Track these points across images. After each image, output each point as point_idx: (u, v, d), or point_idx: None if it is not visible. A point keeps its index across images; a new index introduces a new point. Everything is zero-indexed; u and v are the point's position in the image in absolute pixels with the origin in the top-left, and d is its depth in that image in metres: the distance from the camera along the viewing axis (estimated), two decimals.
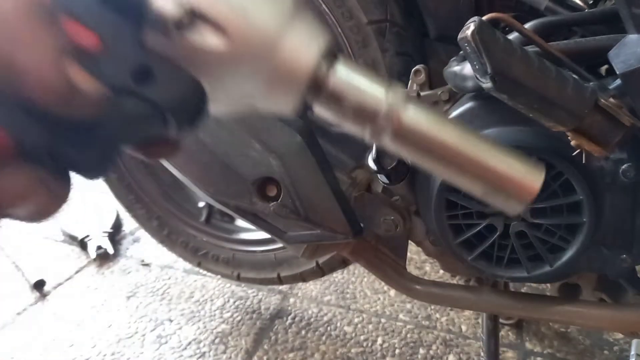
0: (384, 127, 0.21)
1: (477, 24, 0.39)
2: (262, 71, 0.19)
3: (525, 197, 0.22)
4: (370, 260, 0.64)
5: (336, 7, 0.63)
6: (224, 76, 0.19)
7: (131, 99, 0.18)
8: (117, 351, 0.92)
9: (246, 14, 0.18)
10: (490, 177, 0.21)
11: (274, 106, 0.21)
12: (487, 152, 0.21)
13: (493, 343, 0.82)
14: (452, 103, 0.54)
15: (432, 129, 0.21)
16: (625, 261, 0.50)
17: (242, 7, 0.18)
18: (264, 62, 0.19)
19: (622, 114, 0.40)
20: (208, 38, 0.18)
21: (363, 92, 0.20)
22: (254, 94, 0.21)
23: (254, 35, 0.19)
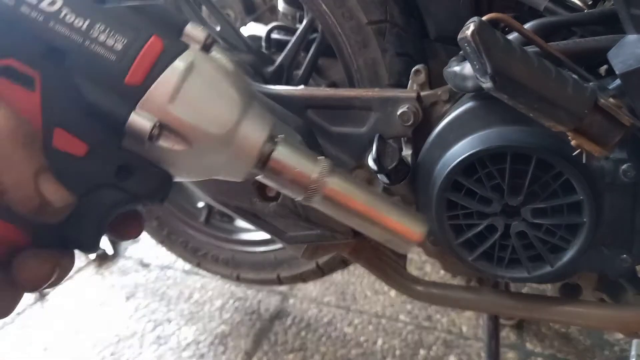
0: (314, 193, 0.28)
1: (476, 24, 0.39)
2: (216, 160, 0.26)
3: (411, 242, 0.30)
4: (371, 261, 0.64)
5: (336, 7, 0.63)
6: (187, 165, 0.26)
7: (114, 190, 0.24)
8: (117, 351, 0.91)
9: (202, 124, 0.24)
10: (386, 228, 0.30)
11: (227, 178, 0.28)
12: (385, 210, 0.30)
13: (494, 344, 0.82)
14: (452, 103, 0.54)
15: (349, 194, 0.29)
16: (626, 261, 0.50)
17: (199, 119, 0.24)
18: (217, 154, 0.26)
19: (621, 114, 0.40)
20: (173, 144, 0.24)
21: (297, 167, 0.28)
22: (211, 173, 0.27)
23: (209, 139, 0.25)
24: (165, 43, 0.24)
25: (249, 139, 0.26)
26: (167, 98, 0.23)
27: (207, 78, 0.25)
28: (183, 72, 0.24)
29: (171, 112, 0.24)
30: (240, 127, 0.25)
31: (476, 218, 0.51)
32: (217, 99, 0.25)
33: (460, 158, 0.49)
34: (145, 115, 0.23)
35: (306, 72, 0.80)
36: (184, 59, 0.24)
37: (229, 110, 0.25)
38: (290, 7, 0.94)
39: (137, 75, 0.23)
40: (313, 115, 0.60)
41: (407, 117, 0.55)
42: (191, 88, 0.24)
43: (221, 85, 0.25)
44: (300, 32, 0.79)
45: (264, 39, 0.89)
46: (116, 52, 0.23)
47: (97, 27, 0.23)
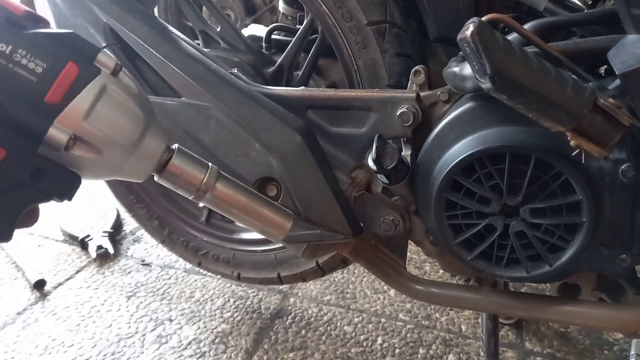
0: (203, 193, 0.35)
1: (476, 25, 0.39)
2: (121, 164, 0.31)
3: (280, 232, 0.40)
4: (370, 260, 0.64)
5: (336, 7, 0.63)
6: (96, 170, 0.31)
7: (29, 190, 0.28)
8: (118, 351, 0.92)
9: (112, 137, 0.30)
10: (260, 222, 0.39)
11: (129, 179, 0.33)
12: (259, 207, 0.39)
13: (493, 343, 0.82)
14: (451, 103, 0.54)
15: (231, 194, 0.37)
16: (625, 261, 0.50)
17: (110, 132, 0.30)
18: (123, 162, 0.31)
19: (621, 114, 0.40)
20: (85, 152, 0.29)
21: (190, 172, 0.34)
22: (116, 174, 0.32)
23: (117, 149, 0.30)
24: (80, 68, 0.28)
25: (150, 149, 0.32)
26: (82, 115, 0.28)
27: (116, 98, 0.29)
28: (96, 93, 0.29)
29: (85, 127, 0.28)
30: (144, 139, 0.31)
31: (475, 218, 0.52)
32: (124, 115, 0.30)
33: (459, 158, 0.49)
34: (62, 129, 0.27)
35: (306, 72, 0.80)
36: (97, 81, 0.29)
37: (134, 125, 0.30)
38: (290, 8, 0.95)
39: (56, 95, 0.27)
40: (313, 115, 0.60)
41: (406, 118, 0.55)
42: (103, 106, 0.29)
43: (128, 105, 0.30)
44: (300, 32, 0.79)
45: (264, 39, 0.89)
46: (37, 74, 0.27)
47: (20, 52, 0.27)
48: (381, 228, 0.60)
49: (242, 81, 0.59)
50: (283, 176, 0.57)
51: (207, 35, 0.85)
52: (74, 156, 0.29)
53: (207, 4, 0.88)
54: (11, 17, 0.27)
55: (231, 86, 0.58)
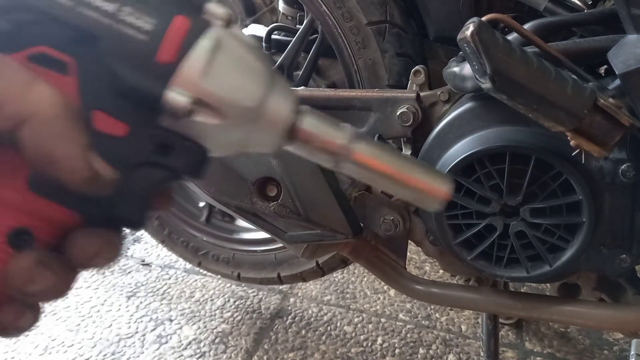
0: (343, 159, 0.30)
1: (476, 25, 0.39)
2: (248, 132, 0.27)
3: (438, 199, 0.31)
4: (370, 260, 0.64)
5: (336, 8, 0.63)
6: (221, 139, 0.27)
7: (155, 168, 0.25)
8: (118, 351, 0.92)
9: (235, 97, 0.26)
10: (414, 187, 0.31)
11: (259, 150, 0.29)
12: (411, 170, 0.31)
13: (493, 343, 0.82)
14: (451, 103, 0.54)
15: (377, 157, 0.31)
16: (625, 261, 0.50)
17: (232, 92, 0.26)
18: (249, 127, 0.27)
19: (621, 114, 0.40)
20: (208, 118, 0.25)
21: (324, 135, 0.29)
22: (244, 145, 0.28)
23: (242, 111, 0.26)
24: (191, 21, 0.25)
25: (277, 110, 0.27)
26: (200, 74, 0.24)
27: (234, 53, 0.25)
28: (212, 48, 0.24)
29: (205, 87, 0.24)
30: (269, 99, 0.26)
31: (475, 218, 0.52)
32: (246, 72, 0.26)
33: (459, 158, 0.49)
34: (180, 92, 0.24)
35: (306, 72, 0.80)
36: (210, 35, 0.25)
37: (257, 83, 0.26)
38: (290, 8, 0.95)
39: (168, 53, 0.24)
40: None
41: (406, 118, 0.55)
42: (221, 63, 0.25)
43: (248, 60, 0.26)
44: (300, 32, 0.79)
45: (264, 39, 0.89)
46: (146, 32, 0.24)
47: (125, 10, 0.24)
48: (381, 228, 0.60)
49: None
50: (283, 176, 0.57)
51: None
52: (196, 124, 0.25)
53: None
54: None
55: None
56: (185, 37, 0.24)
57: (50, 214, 0.24)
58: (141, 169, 0.25)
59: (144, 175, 0.25)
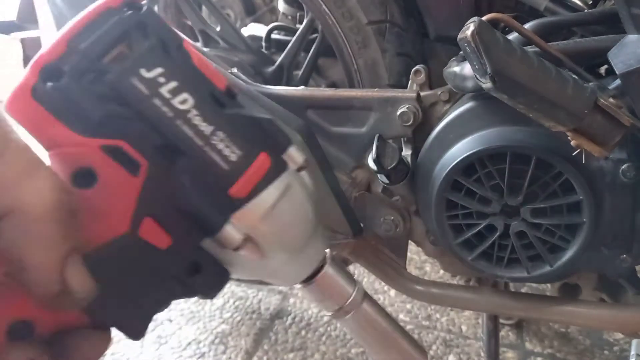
0: (346, 313, 0.31)
1: (476, 24, 0.39)
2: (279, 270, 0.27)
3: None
4: (370, 260, 0.64)
5: (336, 7, 0.63)
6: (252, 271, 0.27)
7: (178, 284, 0.24)
8: (117, 351, 0.92)
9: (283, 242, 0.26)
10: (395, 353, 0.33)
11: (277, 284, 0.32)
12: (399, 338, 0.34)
13: (493, 343, 0.82)
14: (451, 103, 0.54)
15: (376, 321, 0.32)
16: (625, 261, 0.50)
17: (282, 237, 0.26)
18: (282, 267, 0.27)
19: (621, 114, 0.40)
20: (251, 254, 0.25)
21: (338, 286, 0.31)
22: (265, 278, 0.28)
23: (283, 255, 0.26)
24: (272, 161, 0.25)
25: (311, 256, 0.28)
26: (263, 216, 0.24)
27: (297, 200, 0.26)
28: (281, 192, 0.25)
29: (260, 228, 0.24)
30: (308, 246, 0.27)
31: (476, 218, 0.51)
32: (299, 220, 0.26)
33: (459, 158, 0.49)
34: (238, 227, 0.23)
35: (306, 72, 0.80)
36: (283, 179, 0.25)
37: (305, 231, 0.27)
38: (290, 7, 0.94)
39: (243, 189, 0.23)
40: (313, 115, 0.60)
41: (407, 118, 0.55)
42: (283, 208, 0.25)
43: (305, 208, 0.27)
44: (300, 32, 0.79)
45: (264, 39, 0.89)
46: (230, 162, 0.23)
47: (219, 135, 0.23)
48: (381, 228, 0.60)
49: (241, 81, 0.59)
50: None
51: (206, 35, 0.85)
52: (238, 256, 0.24)
53: (207, 3, 0.88)
54: (215, 93, 0.24)
55: None
56: (263, 177, 0.24)
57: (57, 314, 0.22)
58: (165, 284, 0.24)
59: (165, 290, 0.24)
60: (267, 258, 0.25)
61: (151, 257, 0.23)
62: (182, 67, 0.23)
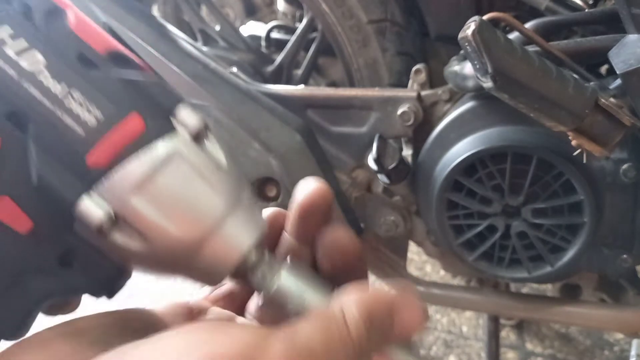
0: None
1: (477, 24, 0.39)
2: (180, 267, 0.22)
3: None
4: (371, 261, 0.64)
5: (336, 6, 0.63)
6: (146, 265, 0.22)
7: (52, 278, 0.21)
8: None
9: (166, 225, 0.20)
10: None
11: (195, 284, 0.24)
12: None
13: (494, 344, 0.82)
14: (452, 102, 0.54)
15: None
16: (626, 261, 0.50)
17: (164, 218, 0.20)
18: (181, 262, 0.22)
19: (622, 114, 0.40)
20: (129, 240, 0.20)
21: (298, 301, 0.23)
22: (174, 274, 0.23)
23: (173, 244, 0.21)
24: (148, 123, 0.20)
25: (222, 250, 0.22)
26: (132, 187, 0.20)
27: (185, 173, 0.21)
28: (160, 160, 0.20)
29: (132, 204, 0.20)
30: (215, 235, 0.21)
31: (477, 218, 0.51)
32: (193, 199, 0.21)
33: (460, 158, 0.49)
34: (98, 202, 0.20)
35: (306, 71, 0.80)
36: (165, 145, 0.20)
37: (204, 214, 0.21)
38: (289, 6, 0.94)
39: (103, 156, 0.20)
40: (313, 115, 0.60)
41: (407, 117, 0.55)
42: (165, 181, 0.20)
43: (202, 184, 0.21)
44: (300, 31, 0.79)
45: (263, 38, 0.89)
46: (87, 126, 0.20)
47: (74, 96, 0.20)
48: (382, 228, 0.59)
49: (241, 80, 0.59)
50: (283, 176, 0.56)
51: (206, 34, 0.85)
52: (113, 244, 0.21)
53: (207, 3, 0.88)
54: (85, 54, 0.21)
55: (230, 85, 0.58)
56: (132, 143, 0.20)
57: None
58: (34, 278, 0.20)
59: (33, 286, 0.20)
60: (154, 246, 0.21)
61: (11, 243, 0.20)
62: (43, 29, 0.20)
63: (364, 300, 0.20)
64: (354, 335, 0.19)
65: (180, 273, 0.23)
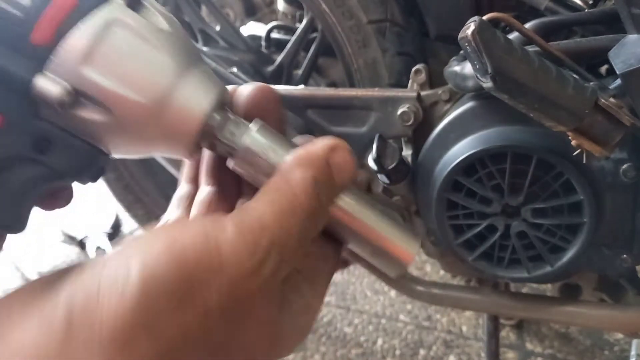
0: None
1: (477, 24, 0.39)
2: (148, 133, 0.22)
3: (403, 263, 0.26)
4: None
5: (336, 6, 0.63)
6: (116, 139, 0.23)
7: (32, 165, 0.21)
8: None
9: (123, 90, 0.21)
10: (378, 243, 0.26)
11: (169, 154, 0.24)
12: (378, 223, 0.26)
13: (494, 343, 0.82)
14: (452, 103, 0.54)
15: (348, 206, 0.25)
16: (626, 261, 0.50)
17: (119, 83, 0.21)
18: (148, 128, 0.22)
19: (622, 114, 0.40)
20: (92, 113, 0.21)
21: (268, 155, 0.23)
22: (147, 148, 0.24)
23: (133, 107, 0.21)
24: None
25: (183, 110, 0.22)
26: (80, 58, 0.20)
27: (128, 36, 0.21)
28: (100, 28, 0.20)
29: (84, 75, 0.20)
30: (174, 95, 0.22)
31: (476, 218, 0.51)
32: (142, 61, 0.21)
33: (460, 158, 0.49)
34: (53, 79, 0.20)
35: (306, 71, 0.80)
36: (102, 13, 0.21)
37: (157, 74, 0.21)
38: (289, 6, 0.94)
39: (45, 32, 0.20)
40: (313, 115, 0.60)
41: (407, 117, 0.55)
42: (109, 47, 0.21)
43: (147, 45, 0.21)
44: (300, 31, 0.79)
45: (263, 38, 0.89)
46: (23, 7, 0.20)
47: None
48: None
49: (241, 80, 0.59)
50: None
51: (206, 34, 0.85)
52: (78, 120, 0.21)
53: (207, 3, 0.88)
54: None
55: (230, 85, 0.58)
56: (69, 15, 0.20)
57: None
58: (19, 166, 0.21)
59: (18, 173, 0.21)
60: (119, 118, 0.21)
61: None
62: None
63: (303, 160, 0.20)
64: (303, 199, 0.20)
65: (149, 143, 0.23)
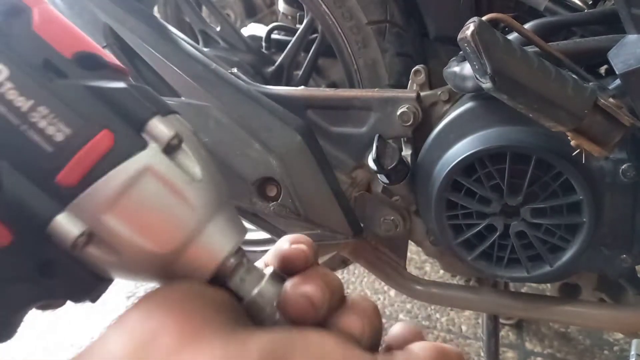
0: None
1: (476, 25, 0.39)
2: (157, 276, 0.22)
3: None
4: (370, 260, 0.64)
5: (336, 7, 0.63)
6: (122, 274, 0.23)
7: (32, 285, 0.21)
8: None
9: (140, 241, 0.21)
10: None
11: None
12: None
13: (493, 343, 0.82)
14: (451, 103, 0.54)
15: None
16: (625, 261, 0.50)
17: (137, 235, 0.21)
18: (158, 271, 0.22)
19: (621, 114, 0.40)
20: (103, 254, 0.21)
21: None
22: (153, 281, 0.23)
23: (147, 256, 0.21)
24: (117, 139, 0.20)
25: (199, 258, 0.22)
26: (104, 206, 0.20)
27: (158, 188, 0.20)
28: (130, 178, 0.20)
29: (104, 222, 0.20)
30: (191, 244, 0.21)
31: (475, 218, 0.51)
32: (166, 213, 0.21)
33: (459, 158, 0.49)
34: (72, 221, 0.20)
35: (306, 72, 0.80)
36: (136, 161, 0.20)
37: (178, 228, 0.21)
38: (290, 7, 0.94)
39: (72, 175, 0.19)
40: (313, 115, 0.60)
41: (407, 118, 0.55)
42: (136, 198, 0.20)
43: (174, 198, 0.21)
44: (300, 32, 0.79)
45: (264, 39, 0.89)
46: (54, 143, 0.19)
47: (40, 110, 0.19)
48: (381, 228, 0.60)
49: (241, 81, 0.59)
50: (283, 176, 0.56)
51: (207, 35, 0.85)
52: (88, 254, 0.21)
53: (207, 3, 0.88)
54: (51, 59, 0.20)
55: (231, 86, 0.58)
56: (102, 159, 0.19)
57: None
58: (18, 286, 0.20)
59: (20, 292, 0.21)
60: (129, 259, 0.21)
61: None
62: (4, 33, 0.20)
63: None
64: None
65: (156, 280, 0.23)
